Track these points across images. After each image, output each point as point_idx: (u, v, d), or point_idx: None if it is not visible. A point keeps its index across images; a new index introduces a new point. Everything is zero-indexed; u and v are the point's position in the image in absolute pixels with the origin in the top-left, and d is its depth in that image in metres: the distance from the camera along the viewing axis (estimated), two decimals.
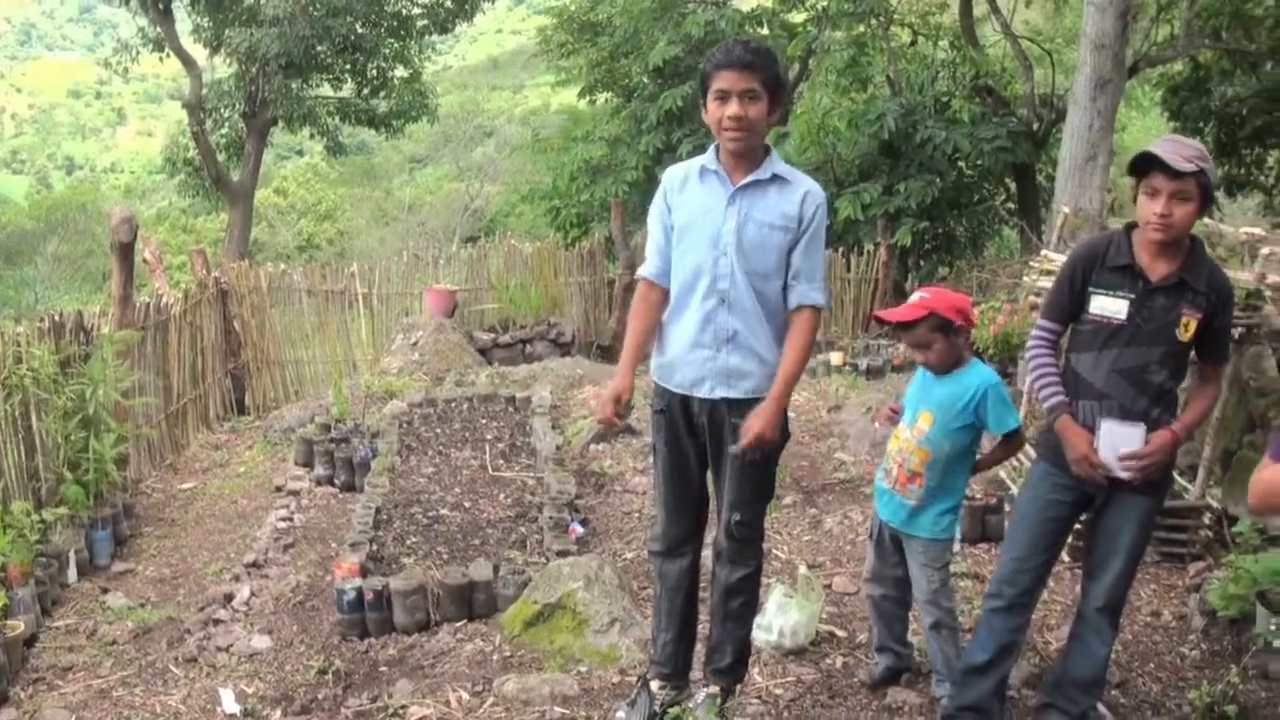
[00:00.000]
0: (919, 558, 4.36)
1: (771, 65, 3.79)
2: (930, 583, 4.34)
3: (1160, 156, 3.62)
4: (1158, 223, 3.68)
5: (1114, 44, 11.45)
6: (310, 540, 7.35)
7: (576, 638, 5.19)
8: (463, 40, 72.73)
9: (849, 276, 14.63)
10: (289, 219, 40.94)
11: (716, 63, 3.77)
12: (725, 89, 3.74)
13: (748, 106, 3.75)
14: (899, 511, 4.37)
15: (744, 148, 3.83)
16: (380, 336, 13.42)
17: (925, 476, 4.27)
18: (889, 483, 4.40)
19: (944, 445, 4.25)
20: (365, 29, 23.68)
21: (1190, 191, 3.64)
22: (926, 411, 4.29)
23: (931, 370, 4.33)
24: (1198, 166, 3.60)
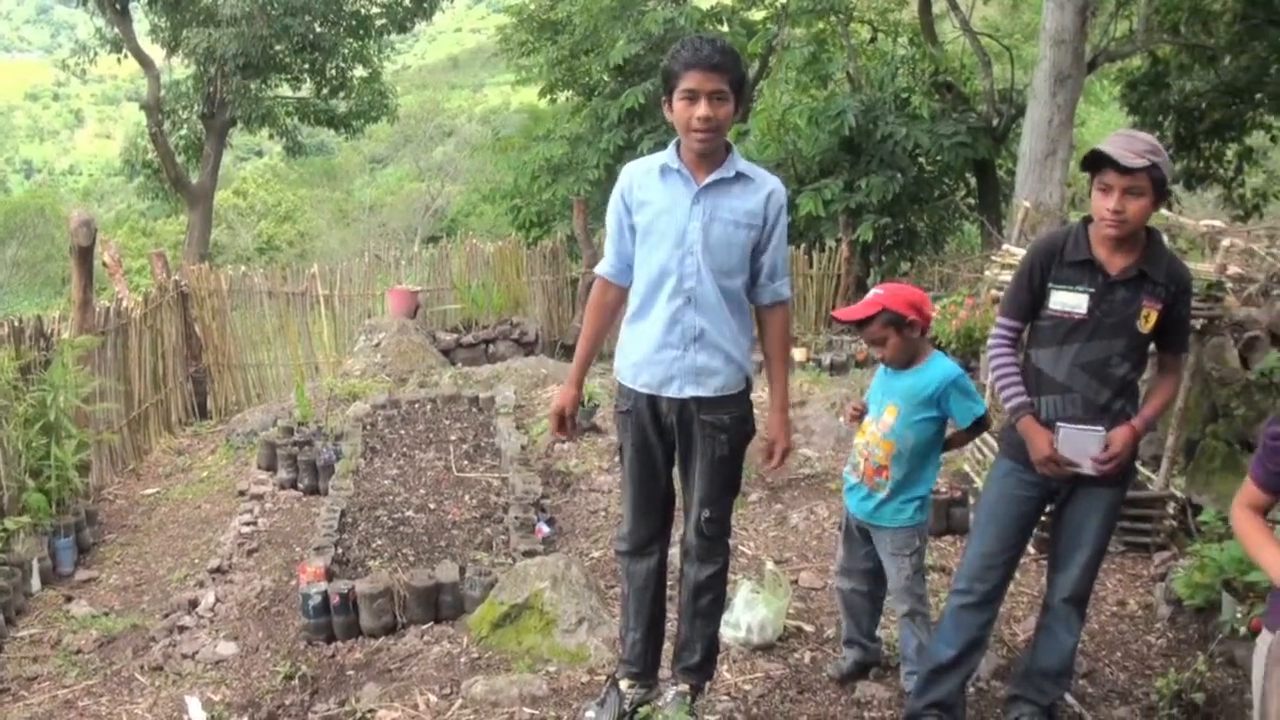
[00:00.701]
0: (888, 547, 4.38)
1: (737, 66, 3.78)
2: (902, 570, 4.37)
3: (1109, 154, 3.65)
4: (1111, 219, 3.70)
5: (1073, 39, 11.54)
6: (274, 544, 7.30)
7: (544, 638, 5.17)
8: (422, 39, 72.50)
9: (811, 273, 14.69)
10: (249, 221, 40.63)
11: (685, 62, 3.73)
12: (694, 89, 3.72)
13: (716, 108, 3.73)
14: (867, 504, 4.39)
15: (710, 148, 3.82)
16: (342, 338, 13.36)
17: (891, 469, 4.29)
18: (856, 477, 4.43)
19: (908, 438, 4.27)
20: (324, 28, 23.61)
21: (1142, 186, 3.66)
22: (891, 405, 4.31)
23: (889, 365, 4.34)
24: (1149, 161, 3.61)
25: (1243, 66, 15.94)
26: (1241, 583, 4.78)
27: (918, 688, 4.21)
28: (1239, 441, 6.08)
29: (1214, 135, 17.20)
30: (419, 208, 42.33)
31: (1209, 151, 17.53)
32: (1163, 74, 16.99)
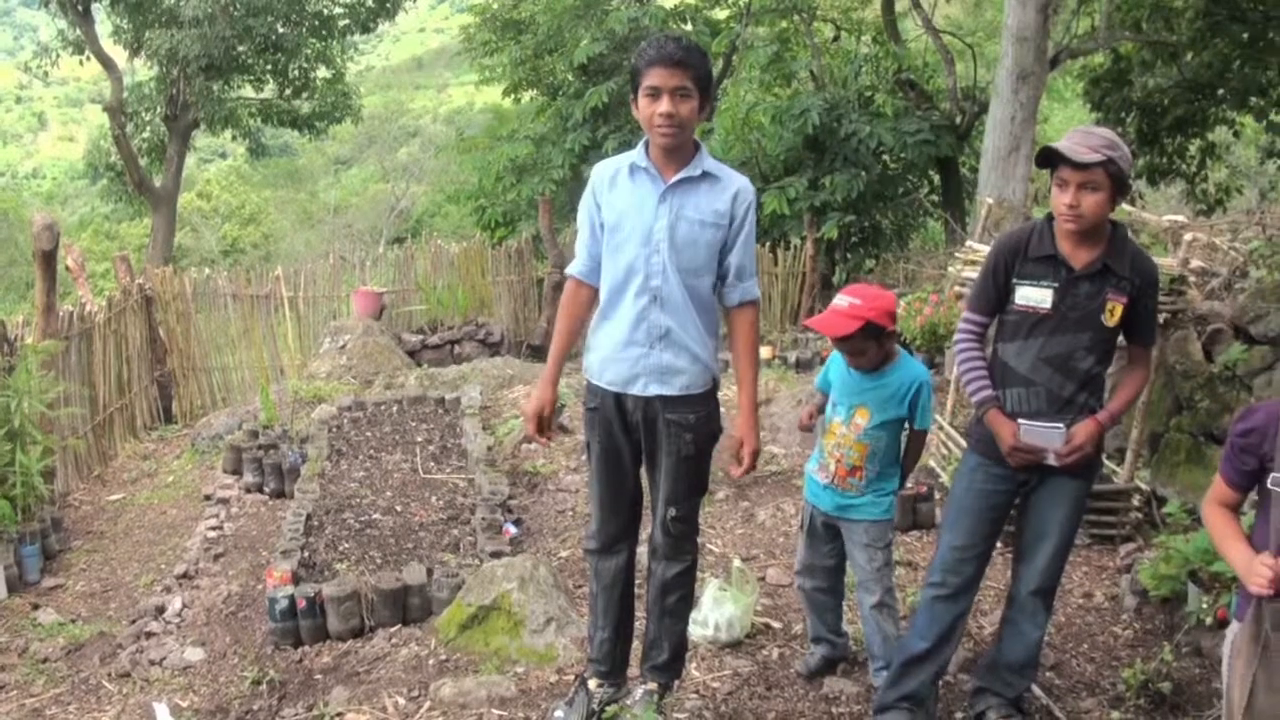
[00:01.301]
0: (862, 539, 4.38)
1: (703, 63, 3.77)
2: (873, 562, 4.37)
3: (1062, 150, 3.68)
4: (1068, 214, 3.73)
5: (1035, 37, 11.60)
6: (241, 549, 7.27)
7: (513, 639, 5.16)
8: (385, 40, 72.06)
9: (776, 271, 14.73)
10: (213, 223, 40.39)
11: (648, 59, 3.73)
12: (657, 86, 3.71)
13: (679, 104, 3.73)
14: (837, 504, 4.40)
15: (675, 145, 3.82)
16: (307, 340, 13.30)
17: (866, 469, 4.31)
18: (825, 478, 4.41)
19: (881, 437, 4.30)
20: (286, 29, 23.50)
21: (1098, 181, 3.67)
22: (863, 408, 4.30)
23: (862, 370, 4.33)
24: (1104, 156, 3.64)
25: (1205, 63, 16.07)
26: (1207, 573, 4.82)
27: (890, 680, 4.22)
28: (1203, 434, 6.14)
29: (1177, 131, 17.33)
30: (384, 209, 42.15)
31: (1172, 147, 17.65)
32: (1125, 71, 17.11)
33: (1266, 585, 2.96)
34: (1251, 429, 3.13)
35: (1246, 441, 3.13)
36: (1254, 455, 3.12)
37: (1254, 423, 3.13)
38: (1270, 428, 3.08)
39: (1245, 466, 3.15)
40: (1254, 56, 15.90)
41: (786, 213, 14.61)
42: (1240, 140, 19.70)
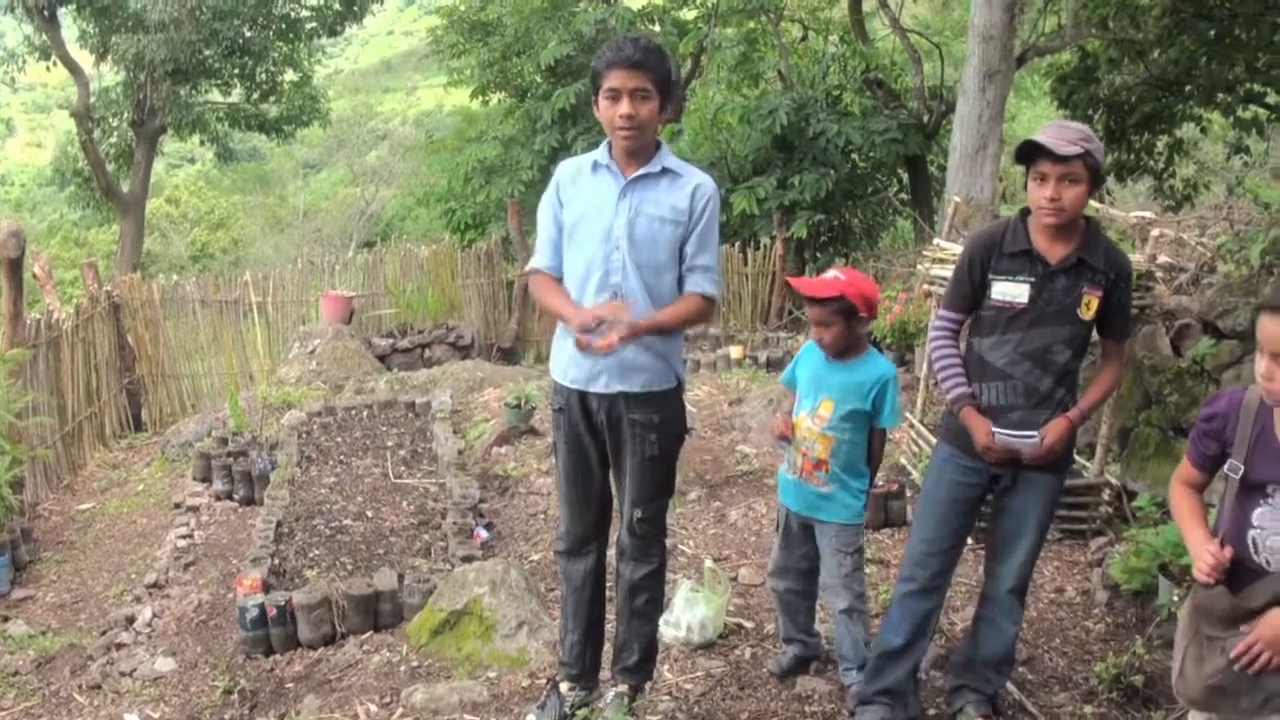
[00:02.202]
0: (833, 542, 4.36)
1: (662, 63, 3.77)
2: (843, 567, 4.36)
3: (1043, 143, 3.68)
4: (1049, 207, 3.73)
5: (1002, 35, 11.63)
6: (211, 557, 7.23)
7: (484, 643, 5.15)
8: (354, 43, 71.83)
9: (746, 271, 14.75)
10: (182, 229, 40.12)
11: (608, 61, 3.73)
12: (616, 88, 3.71)
13: (639, 105, 3.72)
14: (808, 499, 4.38)
15: (636, 146, 3.82)
16: (277, 346, 13.24)
17: (830, 463, 4.29)
18: (794, 472, 4.40)
19: (845, 430, 4.27)
20: (253, 32, 23.38)
21: (1078, 174, 3.69)
22: (827, 399, 4.29)
23: (824, 350, 4.31)
24: (1083, 149, 3.65)
25: (1172, 60, 16.13)
26: (1177, 566, 4.84)
27: (868, 675, 4.24)
28: (1172, 428, 6.16)
29: (1144, 128, 17.39)
30: (354, 213, 41.95)
31: (1139, 144, 17.71)
32: (1092, 68, 17.16)
33: (1208, 573, 3.04)
34: (1215, 414, 3.20)
35: (1210, 426, 3.21)
36: (1216, 440, 3.19)
37: (1218, 408, 3.20)
38: (1232, 414, 3.15)
39: (1208, 450, 3.22)
40: (1221, 53, 15.97)
41: (756, 212, 14.63)
42: (1208, 137, 19.80)
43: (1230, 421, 3.15)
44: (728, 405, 9.19)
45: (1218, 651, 3.05)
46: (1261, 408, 3.09)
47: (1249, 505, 3.10)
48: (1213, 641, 3.07)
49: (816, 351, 4.40)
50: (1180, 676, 3.17)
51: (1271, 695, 3.04)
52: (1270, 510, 3.06)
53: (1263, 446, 3.07)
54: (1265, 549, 3.08)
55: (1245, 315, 5.83)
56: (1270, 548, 3.07)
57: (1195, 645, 3.12)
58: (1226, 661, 3.02)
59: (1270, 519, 3.06)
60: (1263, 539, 3.08)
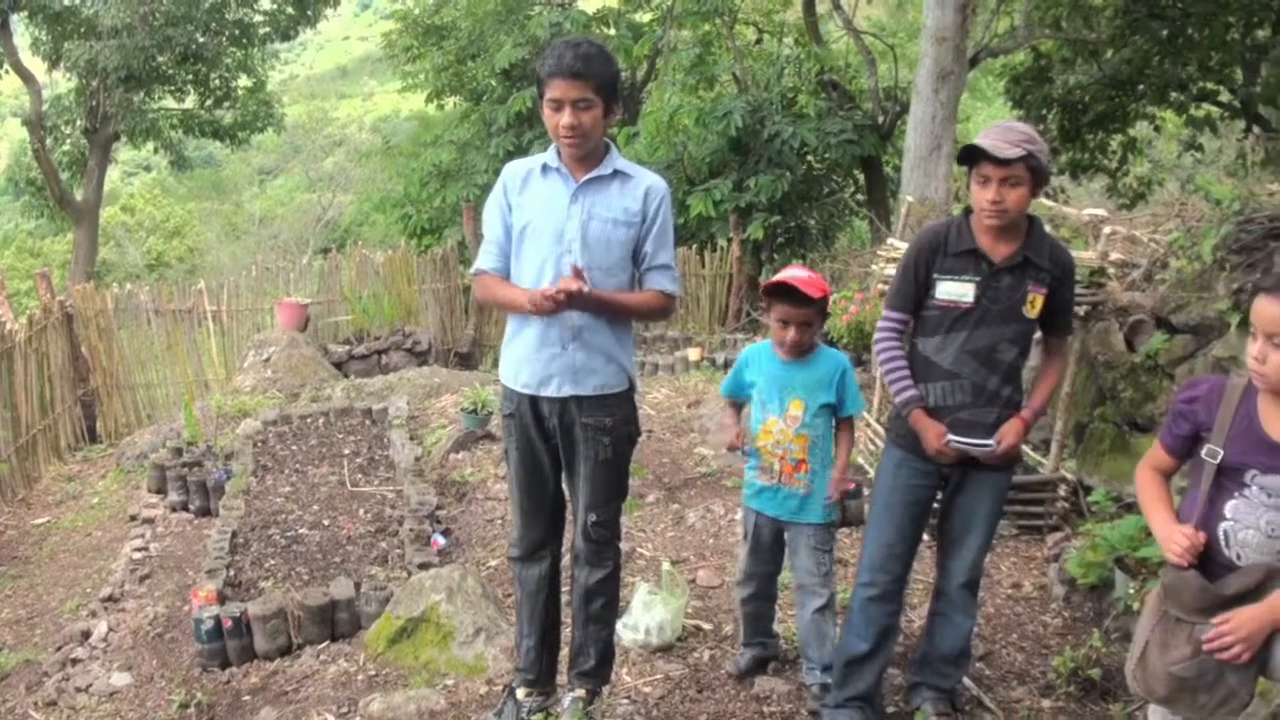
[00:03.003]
0: (810, 542, 4.37)
1: (604, 69, 3.73)
2: (821, 565, 4.38)
3: (984, 146, 3.70)
4: (991, 209, 3.75)
5: (954, 36, 11.69)
6: (167, 570, 7.16)
7: (442, 651, 5.12)
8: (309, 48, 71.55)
9: (704, 273, 14.77)
10: (137, 237, 39.75)
11: (549, 70, 3.70)
12: (558, 98, 3.70)
13: (581, 115, 3.70)
14: (788, 504, 4.38)
15: (582, 153, 3.81)
16: (232, 354, 13.13)
17: (809, 462, 4.30)
18: (770, 479, 4.38)
19: (818, 426, 4.30)
20: (206, 38, 23.20)
21: (1019, 175, 3.71)
22: (795, 399, 4.30)
23: (793, 350, 4.30)
24: (1024, 151, 3.67)
25: (1125, 60, 16.27)
26: (1133, 559, 4.88)
27: (836, 681, 4.24)
28: (1127, 423, 6.21)
29: (1098, 127, 17.54)
30: (311, 219, 41.71)
31: (1094, 143, 17.86)
32: (1046, 68, 17.30)
33: (1181, 555, 3.06)
34: (1195, 397, 3.21)
35: (1187, 408, 3.21)
36: (1191, 422, 3.20)
37: (1198, 391, 3.22)
38: (1213, 399, 3.16)
39: (1181, 431, 3.23)
40: (1173, 53, 16.13)
41: (712, 214, 14.64)
42: (1161, 135, 19.98)
43: (1210, 405, 3.16)
44: (686, 407, 9.20)
45: (1184, 638, 3.06)
46: (1245, 394, 3.11)
47: (1222, 496, 3.11)
48: (1180, 625, 3.07)
49: (768, 356, 4.40)
50: (1141, 664, 3.17)
51: (1231, 694, 3.05)
52: (1245, 503, 3.07)
53: (1244, 432, 3.08)
54: (1236, 542, 3.09)
55: (1198, 310, 5.88)
56: (1241, 541, 3.08)
57: (1161, 630, 3.12)
58: (1193, 649, 3.03)
59: (1244, 511, 3.07)
60: (1234, 532, 3.09)
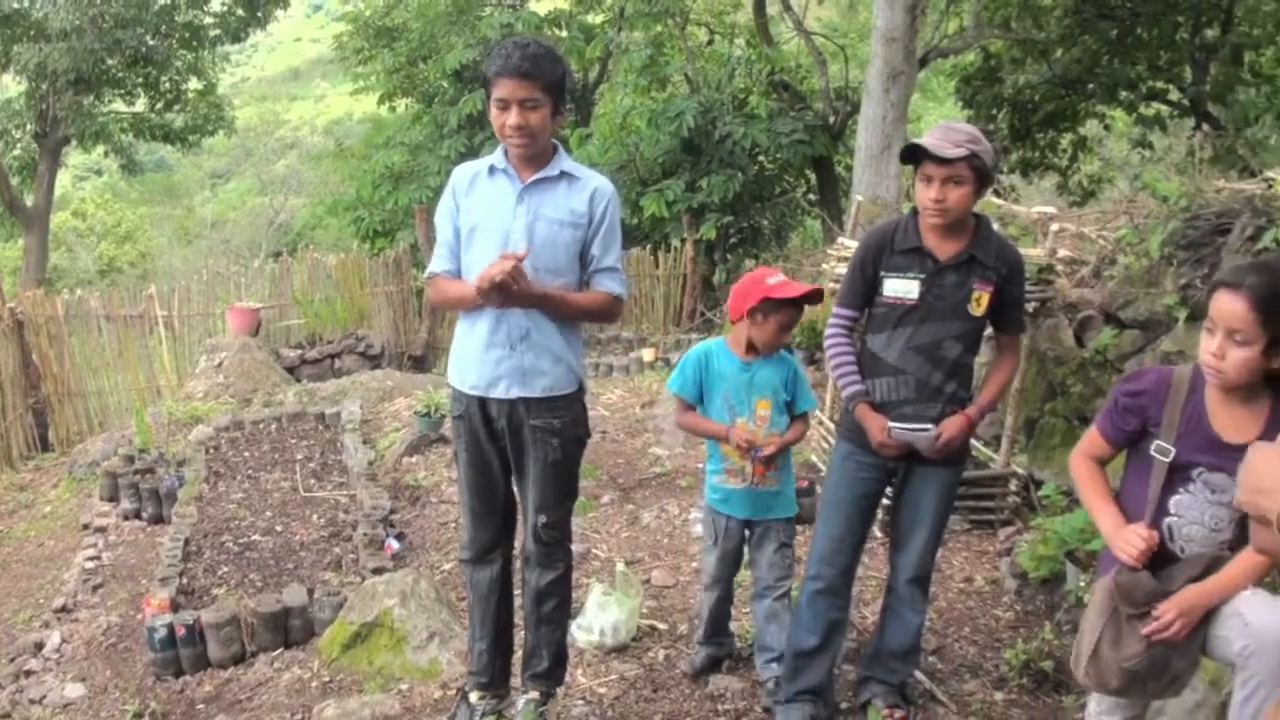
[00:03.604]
0: (779, 538, 4.43)
1: (552, 69, 3.73)
2: (786, 559, 4.44)
3: (926, 146, 3.74)
4: (934, 208, 3.79)
5: (904, 37, 11.78)
6: (120, 579, 7.10)
7: (396, 656, 5.11)
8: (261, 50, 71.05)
9: (658, 274, 14.81)
10: (89, 242, 39.38)
11: (495, 70, 3.70)
12: (505, 98, 3.69)
13: (528, 115, 3.70)
14: (760, 503, 4.42)
15: (529, 153, 3.81)
16: (184, 360, 13.02)
17: (779, 459, 4.35)
18: (741, 481, 4.40)
19: (782, 424, 4.35)
20: (156, 40, 22.99)
21: (962, 175, 3.74)
22: (762, 399, 4.33)
23: (774, 350, 4.34)
24: (967, 150, 3.70)
25: (1074, 59, 16.43)
26: (1084, 552, 4.94)
27: (786, 675, 4.26)
28: (1077, 417, 6.27)
29: (1048, 126, 17.69)
30: (263, 222, 41.46)
31: (1044, 142, 18.02)
32: (996, 68, 17.44)
33: (1136, 558, 3.07)
34: (1141, 390, 3.22)
35: (1134, 402, 3.22)
36: (1138, 417, 3.21)
37: (1144, 385, 3.22)
38: (1160, 393, 3.17)
39: (1126, 426, 3.25)
40: (1122, 52, 16.29)
41: (666, 215, 14.67)
42: (1111, 134, 20.15)
43: (1158, 400, 3.17)
44: (640, 408, 9.21)
45: (1136, 634, 3.09)
46: (1192, 389, 3.13)
47: (1167, 490, 3.15)
48: (1131, 622, 3.11)
49: (726, 356, 4.42)
50: (1093, 660, 3.19)
51: (1176, 676, 3.12)
52: (1190, 498, 3.11)
53: (1194, 429, 3.11)
54: (1181, 536, 3.14)
55: (1146, 306, 5.95)
56: (1186, 535, 3.13)
57: (1113, 627, 3.15)
58: (1145, 644, 3.07)
59: (1188, 506, 3.12)
60: (1178, 527, 3.14)
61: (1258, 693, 2.87)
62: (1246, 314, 2.92)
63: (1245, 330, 2.93)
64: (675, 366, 4.44)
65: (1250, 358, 2.95)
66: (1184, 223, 5.65)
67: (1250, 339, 2.94)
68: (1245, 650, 2.91)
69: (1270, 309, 2.91)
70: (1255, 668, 2.88)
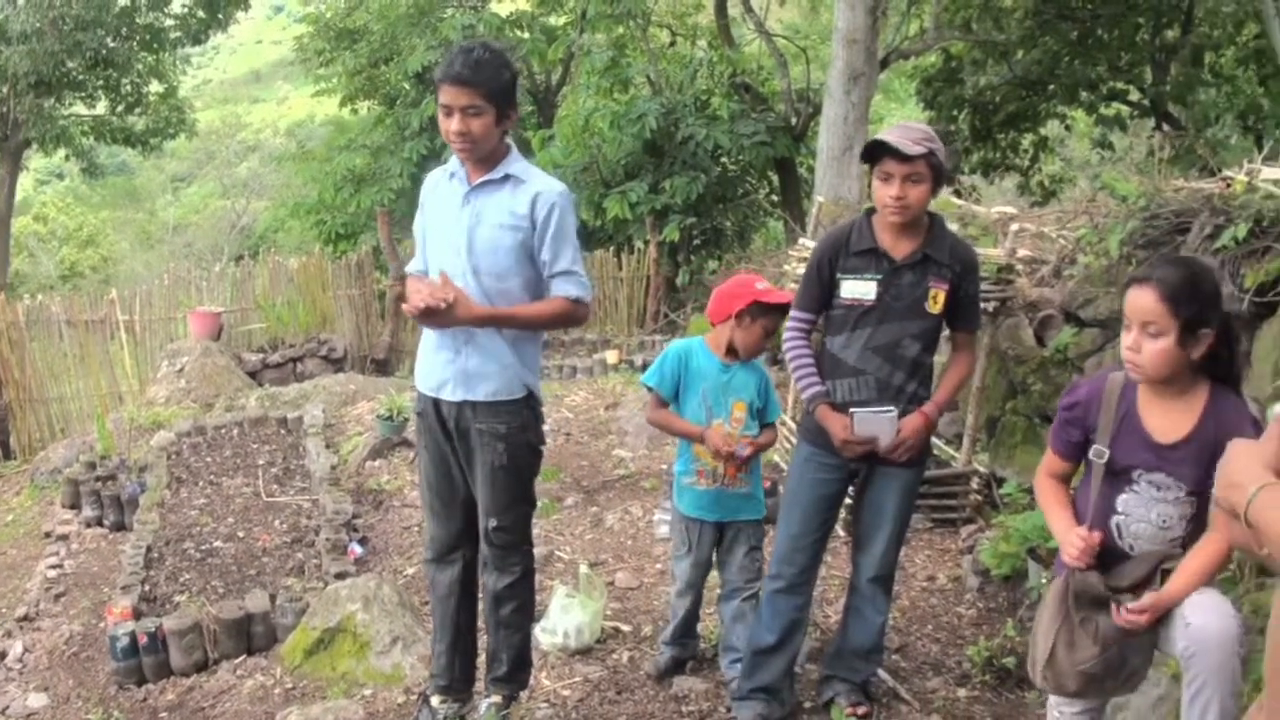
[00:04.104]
0: (750, 540, 4.45)
1: (495, 76, 3.72)
2: (755, 561, 4.45)
3: (889, 142, 3.76)
4: (894, 205, 3.81)
5: (865, 38, 11.83)
6: (82, 587, 7.05)
7: (359, 661, 5.09)
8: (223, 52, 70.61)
9: (622, 275, 14.81)
10: (51, 247, 39.06)
11: (440, 75, 3.72)
12: (448, 104, 3.70)
13: (470, 121, 3.70)
14: (730, 505, 4.43)
15: (473, 159, 3.82)
16: (145, 365, 12.89)
17: (750, 462, 4.38)
18: (712, 482, 4.40)
19: (754, 427, 4.39)
20: (117, 43, 22.80)
21: (922, 173, 3.77)
22: (738, 401, 4.35)
23: (754, 355, 4.38)
24: (926, 148, 3.74)
25: (1035, 60, 16.54)
26: (1045, 549, 4.97)
27: (744, 672, 4.28)
28: (1038, 416, 6.31)
29: (1009, 126, 17.82)
30: (225, 226, 41.23)
31: (1005, 142, 18.14)
32: (957, 70, 17.54)
33: (1077, 556, 3.12)
34: (1076, 402, 3.28)
35: (1071, 415, 3.28)
36: (1078, 427, 3.27)
37: (1078, 396, 3.28)
38: (1094, 401, 3.22)
39: (1071, 438, 3.30)
40: (1083, 53, 16.41)
41: (629, 217, 14.67)
42: (1073, 134, 20.32)
43: (1092, 408, 3.22)
44: (604, 409, 9.22)
45: (1091, 635, 3.11)
46: (1125, 392, 3.18)
47: (1114, 491, 3.19)
48: (1085, 624, 3.12)
49: (705, 356, 4.42)
50: (1049, 665, 3.20)
51: (1133, 673, 3.16)
52: (1135, 497, 3.15)
53: (1127, 431, 3.15)
54: (1129, 534, 3.18)
55: (1106, 304, 5.99)
56: (1135, 533, 3.17)
57: (1067, 630, 3.16)
58: (1100, 646, 3.09)
59: (1135, 505, 3.16)
60: (1126, 525, 3.18)
61: (1202, 693, 2.91)
62: (1156, 305, 2.97)
63: (1157, 321, 2.98)
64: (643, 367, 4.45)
65: (1165, 348, 2.99)
66: (1143, 222, 5.69)
67: (1163, 329, 2.98)
68: (1187, 651, 2.95)
69: (1178, 298, 2.96)
70: (1198, 668, 2.92)
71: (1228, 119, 17.87)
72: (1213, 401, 3.10)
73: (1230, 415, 3.06)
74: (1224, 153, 14.87)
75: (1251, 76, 17.36)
